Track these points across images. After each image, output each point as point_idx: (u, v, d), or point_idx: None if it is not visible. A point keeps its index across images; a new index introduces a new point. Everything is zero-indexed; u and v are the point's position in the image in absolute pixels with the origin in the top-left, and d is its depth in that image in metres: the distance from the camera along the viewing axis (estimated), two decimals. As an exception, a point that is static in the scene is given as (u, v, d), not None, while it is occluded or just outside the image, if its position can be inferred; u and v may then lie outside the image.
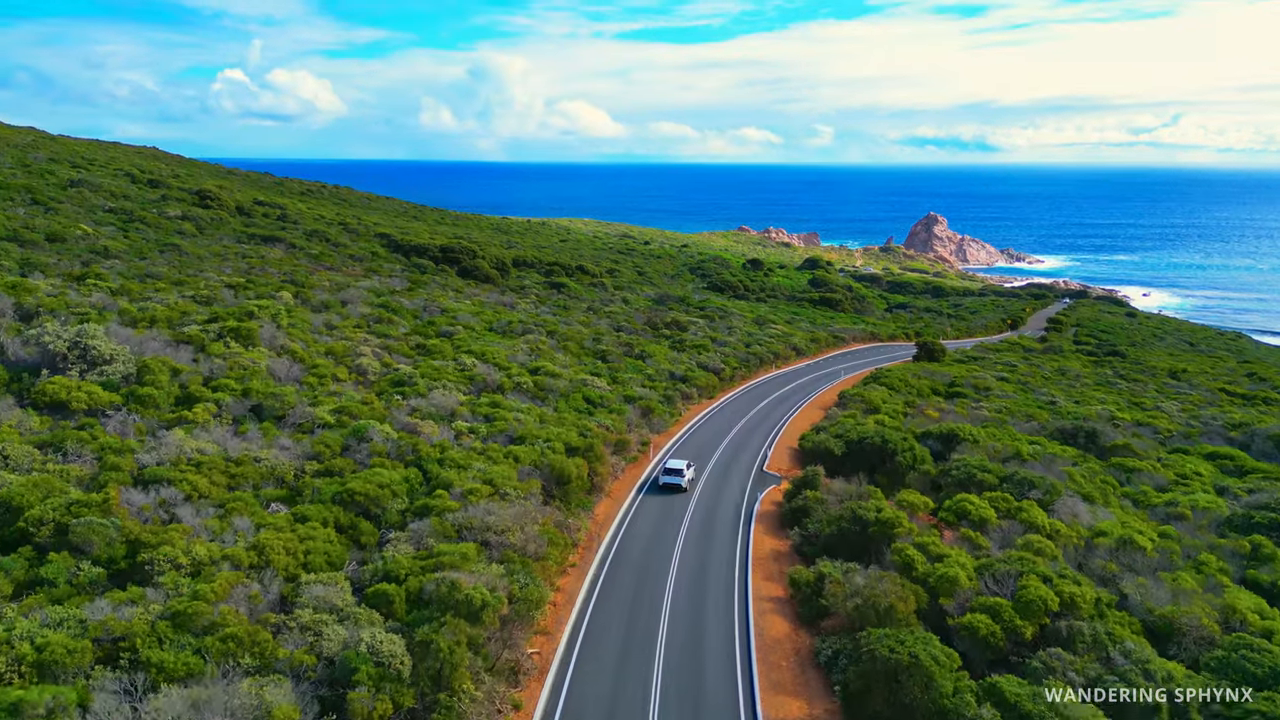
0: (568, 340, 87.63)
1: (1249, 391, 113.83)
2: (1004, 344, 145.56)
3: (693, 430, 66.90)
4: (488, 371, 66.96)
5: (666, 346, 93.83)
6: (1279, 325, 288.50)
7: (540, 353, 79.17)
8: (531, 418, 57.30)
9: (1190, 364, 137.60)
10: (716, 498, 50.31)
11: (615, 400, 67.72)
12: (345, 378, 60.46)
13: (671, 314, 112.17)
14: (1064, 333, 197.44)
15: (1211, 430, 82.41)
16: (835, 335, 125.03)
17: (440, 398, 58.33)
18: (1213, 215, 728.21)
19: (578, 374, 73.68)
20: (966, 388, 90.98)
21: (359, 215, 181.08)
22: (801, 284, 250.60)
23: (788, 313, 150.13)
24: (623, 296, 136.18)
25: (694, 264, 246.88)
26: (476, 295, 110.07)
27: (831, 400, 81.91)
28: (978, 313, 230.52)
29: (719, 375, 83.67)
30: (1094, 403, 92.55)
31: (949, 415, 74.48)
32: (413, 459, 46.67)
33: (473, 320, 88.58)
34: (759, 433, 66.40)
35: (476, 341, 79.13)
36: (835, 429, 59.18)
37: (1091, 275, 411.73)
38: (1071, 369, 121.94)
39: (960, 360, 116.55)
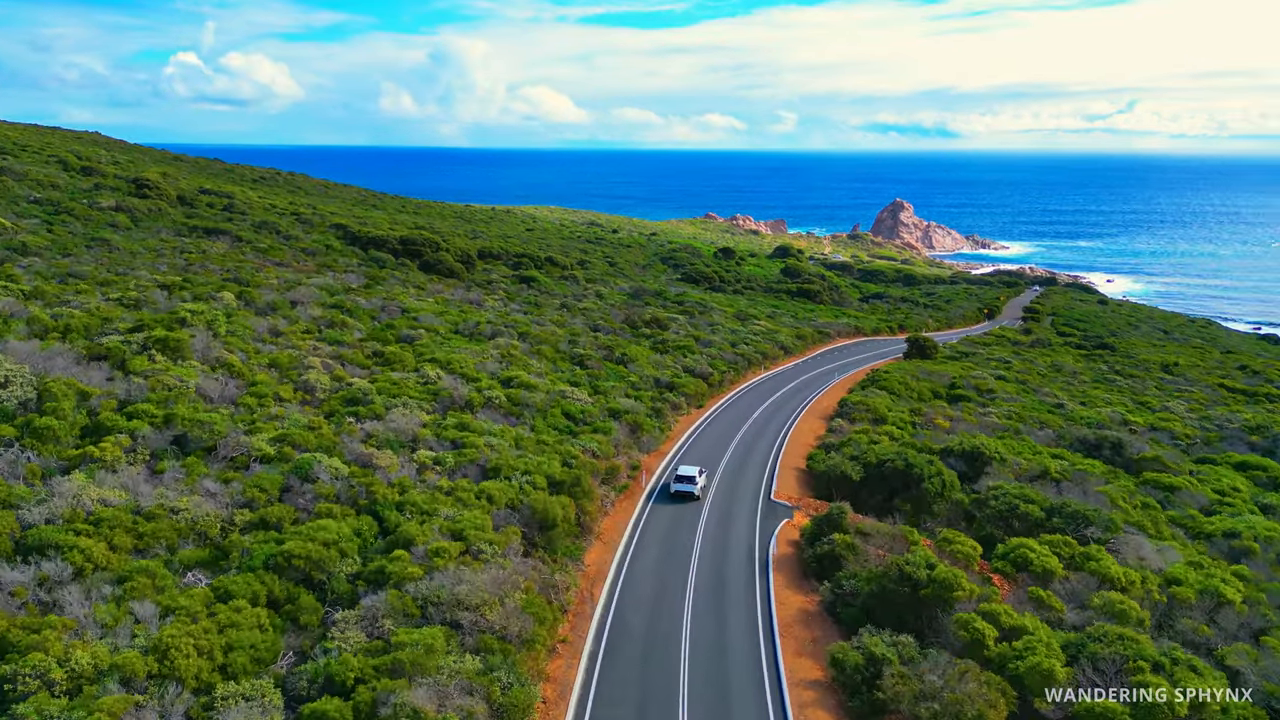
0: (541, 343, 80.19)
1: (1248, 387, 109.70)
2: (990, 337, 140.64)
3: (685, 448, 60.00)
4: (454, 384, 59.41)
5: (648, 348, 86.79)
6: (1245, 312, 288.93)
7: (512, 359, 71.69)
8: (506, 442, 49.98)
9: (1180, 357, 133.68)
10: (724, 537, 43.49)
11: (599, 415, 60.57)
12: (290, 396, 52.59)
13: (650, 310, 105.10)
14: (1042, 322, 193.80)
15: (1228, 433, 77.43)
16: (820, 331, 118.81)
17: (400, 419, 50.78)
18: (1170, 201, 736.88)
19: (555, 384, 66.39)
20: (968, 390, 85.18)
21: (314, 204, 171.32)
22: (774, 273, 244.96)
23: (767, 306, 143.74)
24: (596, 290, 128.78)
25: (665, 253, 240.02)
26: (440, 292, 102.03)
27: (830, 407, 75.52)
28: (952, 301, 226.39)
29: (707, 380, 76.85)
30: (1100, 404, 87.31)
31: (959, 424, 68.45)
32: (366, 503, 39.20)
33: (436, 322, 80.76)
34: (759, 449, 59.70)
35: (441, 347, 71.43)
36: (849, 449, 52.60)
37: (1056, 262, 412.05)
38: (1065, 364, 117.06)
39: (952, 357, 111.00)
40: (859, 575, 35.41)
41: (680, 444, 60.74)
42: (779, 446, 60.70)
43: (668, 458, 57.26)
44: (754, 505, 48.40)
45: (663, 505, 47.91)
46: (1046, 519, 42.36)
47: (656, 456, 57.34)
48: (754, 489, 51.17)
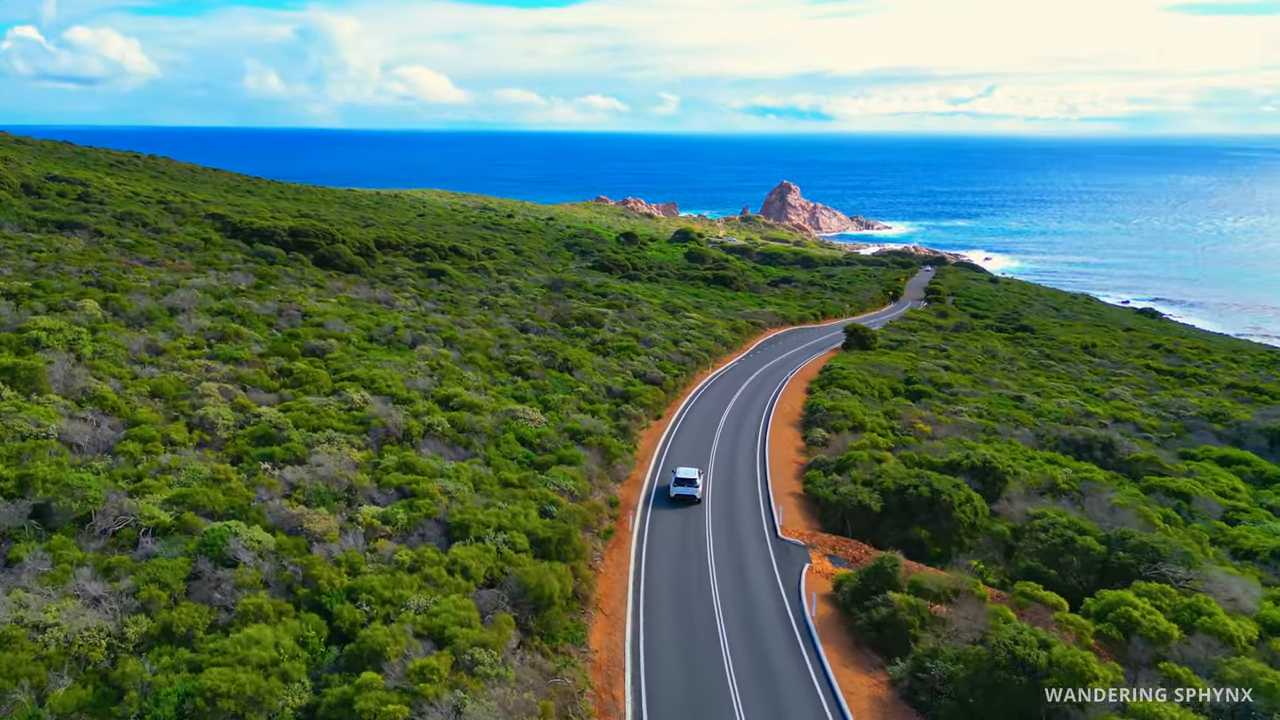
0: (472, 350, 70.88)
1: (1173, 367, 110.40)
2: (914, 321, 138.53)
3: (659, 472, 52.42)
4: (385, 409, 49.87)
5: (585, 349, 78.59)
6: (1112, 286, 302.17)
7: (444, 372, 62.27)
8: (463, 485, 41.16)
9: (1095, 337, 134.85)
10: (745, 593, 36.24)
11: (558, 439, 52.24)
12: (183, 438, 42.09)
13: (579, 305, 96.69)
14: (945, 302, 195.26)
15: (1189, 422, 75.53)
16: (751, 322, 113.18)
17: (328, 461, 41.22)
18: (1035, 181, 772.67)
19: (500, 401, 57.55)
20: (925, 384, 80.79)
21: (183, 191, 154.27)
22: (678, 258, 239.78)
23: (689, 295, 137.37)
24: (510, 283, 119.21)
25: (567, 239, 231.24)
26: (342, 290, 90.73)
27: (796, 411, 69.47)
28: (853, 283, 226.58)
29: (661, 386, 69.41)
30: (1053, 394, 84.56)
31: (940, 428, 63.38)
32: (307, 592, 30.00)
33: (346, 328, 70.26)
34: (741, 470, 52.75)
35: (359, 360, 61.35)
36: (857, 472, 46.17)
37: (937, 241, 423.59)
38: (996, 350, 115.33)
39: (889, 346, 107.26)
40: (943, 654, 28.80)
41: (653, 468, 53.11)
42: (763, 466, 53.90)
43: (644, 487, 49.57)
44: (763, 548, 41.33)
45: (658, 552, 40.28)
46: (1108, 554, 36.98)
47: (631, 487, 49.55)
48: (755, 526, 44.11)
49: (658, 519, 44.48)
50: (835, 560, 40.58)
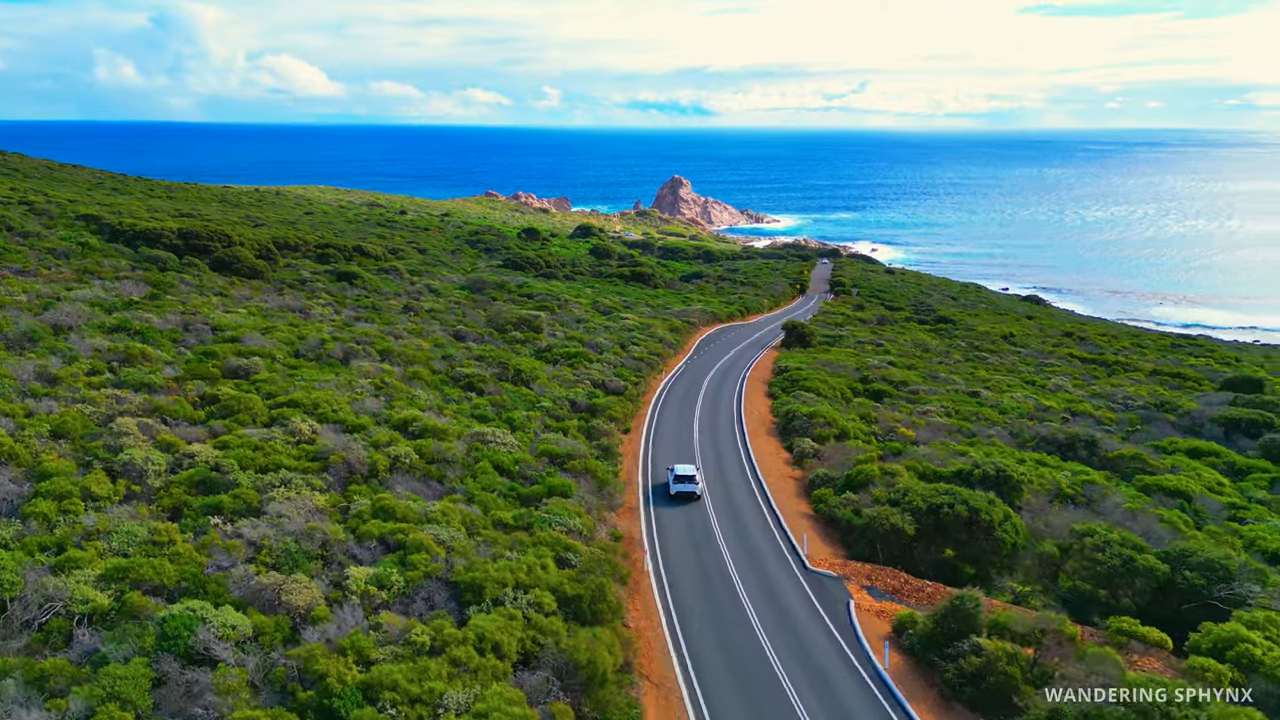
0: (413, 364, 64.17)
1: (1095, 355, 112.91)
2: (839, 316, 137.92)
3: (650, 496, 47.60)
4: (341, 441, 43.23)
5: (530, 357, 72.80)
6: (992, 274, 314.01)
7: (392, 391, 55.57)
8: (455, 529, 35.30)
9: (1013, 327, 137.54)
10: (796, 641, 31.89)
11: (535, 462, 46.76)
12: (106, 490, 34.62)
13: (512, 309, 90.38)
14: (852, 295, 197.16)
15: (1143, 414, 76.00)
16: (686, 320, 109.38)
17: (289, 510, 34.69)
18: (912, 174, 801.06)
19: (460, 422, 51.44)
20: (880, 383, 78.76)
21: (44, 190, 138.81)
22: (583, 254, 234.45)
23: (613, 294, 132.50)
24: (426, 285, 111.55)
25: (467, 236, 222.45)
26: (249, 299, 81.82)
27: (766, 416, 65.98)
28: (758, 276, 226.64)
29: (624, 396, 64.50)
30: (1001, 388, 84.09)
31: (919, 431, 60.95)
32: (312, 695, 23.86)
33: (266, 343, 62.35)
34: (741, 492, 48.48)
35: (292, 381, 53.99)
36: (880, 491, 42.53)
37: (825, 234, 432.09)
38: (925, 342, 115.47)
39: (827, 342, 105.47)
40: (1068, 717, 25.23)
41: (642, 491, 48.23)
42: (759, 485, 49.82)
43: (640, 514, 44.65)
44: (795, 584, 37.19)
45: (684, 596, 35.54)
46: (1172, 574, 34.54)
47: (626, 515, 44.56)
48: (777, 556, 39.94)
49: (668, 552, 39.77)
50: (875, 593, 36.87)
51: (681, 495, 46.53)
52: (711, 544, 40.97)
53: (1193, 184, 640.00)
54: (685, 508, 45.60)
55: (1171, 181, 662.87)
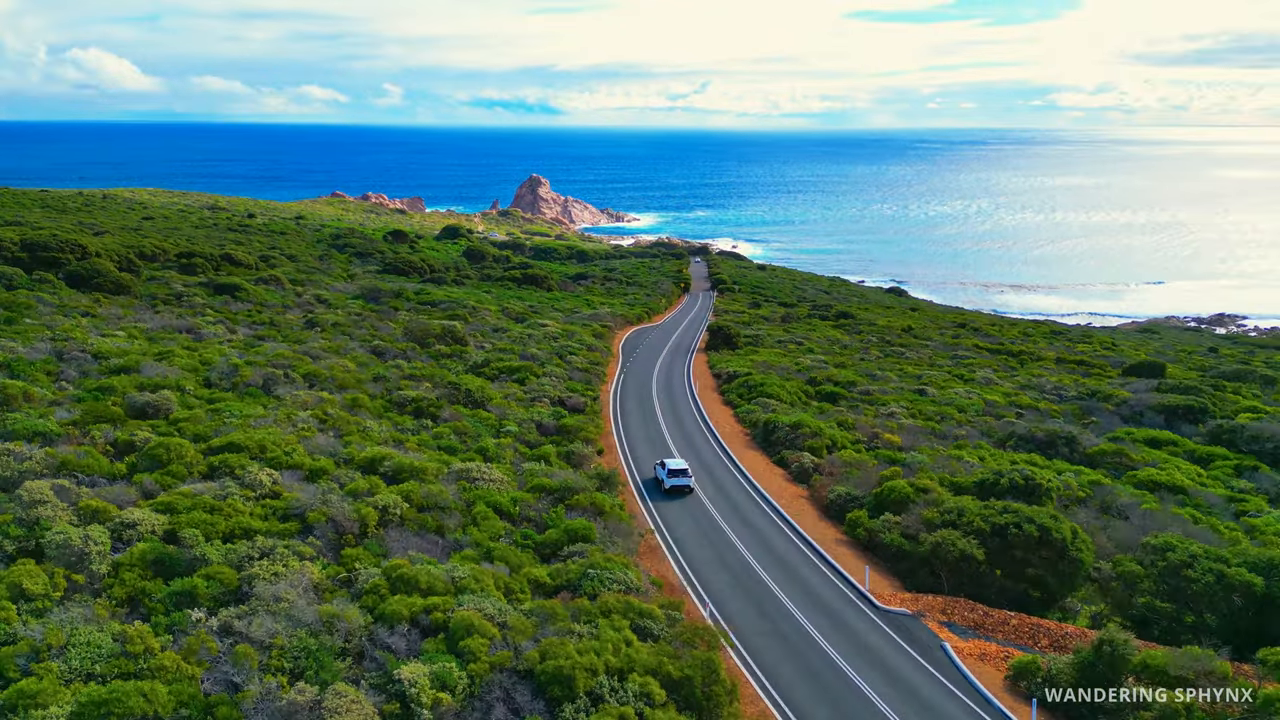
0: (345, 388, 56.16)
1: (998, 346, 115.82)
2: (746, 315, 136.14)
3: (667, 531, 42.50)
4: (309, 492, 35.88)
5: (468, 373, 65.79)
6: (848, 268, 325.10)
7: (338, 423, 47.80)
8: (496, 600, 29.09)
9: (909, 320, 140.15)
10: (918, 705, 27.90)
11: (534, 500, 40.78)
12: (39, 584, 26.34)
13: (428, 320, 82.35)
14: (735, 292, 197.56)
15: (1072, 403, 77.13)
16: (603, 325, 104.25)
17: (284, 593, 27.60)
18: (766, 171, 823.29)
19: (429, 456, 44.55)
20: (828, 384, 76.52)
21: None
22: (456, 256, 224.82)
23: (515, 299, 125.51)
24: (314, 295, 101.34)
25: (330, 240, 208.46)
26: (122, 318, 70.67)
27: (732, 425, 62.09)
28: (637, 275, 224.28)
29: (586, 413, 58.89)
30: (939, 384, 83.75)
31: (910, 436, 58.62)
32: None
33: (165, 371, 52.88)
34: (761, 522, 44.00)
35: (219, 418, 45.44)
36: (930, 513, 38.95)
37: (685, 231, 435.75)
38: (837, 338, 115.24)
39: (749, 343, 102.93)
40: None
41: (654, 521, 43.02)
42: (774, 509, 45.64)
43: (666, 555, 39.45)
44: (872, 625, 33.17)
45: (766, 658, 30.76)
46: (1266, 590, 32.77)
47: (648, 555, 39.27)
48: (838, 595, 35.83)
49: (723, 603, 34.84)
50: (957, 630, 33.43)
51: (677, 489, 46.92)
52: (761, 586, 36.39)
53: (1016, 179, 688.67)
54: (713, 543, 40.80)
55: (999, 177, 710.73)
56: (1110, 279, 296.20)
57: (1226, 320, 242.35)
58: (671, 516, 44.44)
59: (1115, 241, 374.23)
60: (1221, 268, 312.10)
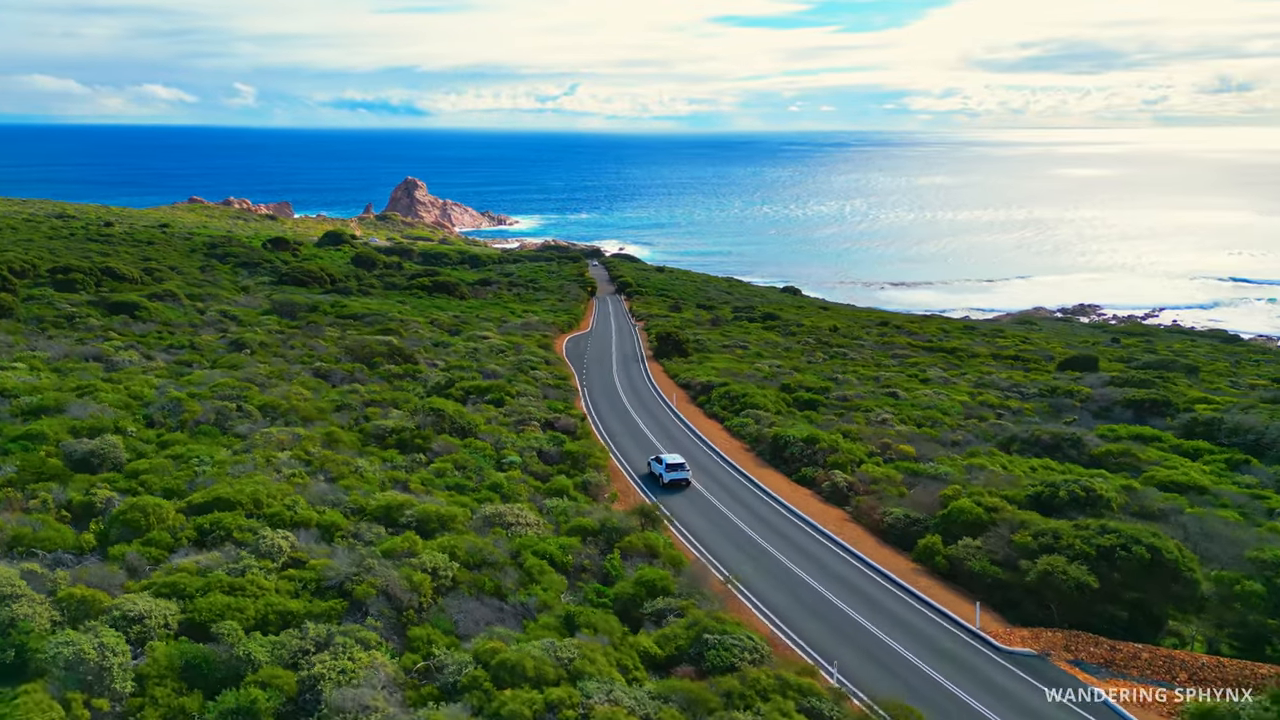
0: (311, 420, 49.07)
1: (929, 344, 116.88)
2: (676, 319, 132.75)
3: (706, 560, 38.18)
4: (343, 558, 29.73)
5: (423, 393, 59.35)
6: (738, 269, 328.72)
7: (325, 464, 41.07)
8: (618, 685, 24.15)
9: (834, 320, 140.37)
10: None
11: (581, 547, 35.70)
12: (57, 716, 19.62)
13: (367, 337, 74.70)
14: (644, 295, 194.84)
15: (1034, 401, 77.43)
16: (543, 334, 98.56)
17: (374, 702, 22.06)
18: (644, 173, 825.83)
19: (447, 500, 38.67)
20: (802, 391, 73.90)
21: None
22: (344, 263, 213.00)
23: (434, 309, 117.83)
24: (220, 311, 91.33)
25: (206, 249, 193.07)
26: (14, 346, 60.49)
27: (729, 440, 58.32)
28: (539, 279, 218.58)
29: (574, 433, 53.74)
30: (902, 385, 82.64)
31: (919, 445, 56.32)
32: None
33: (96, 409, 44.60)
34: (824, 554, 40.16)
35: (188, 467, 38.09)
36: (1027, 537, 35.93)
37: (569, 234, 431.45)
38: (775, 341, 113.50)
39: (697, 349, 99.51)
40: None
41: (712, 561, 38.62)
42: (821, 533, 42.01)
43: (746, 602, 35.14)
44: (1003, 669, 29.96)
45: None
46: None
47: (738, 608, 34.85)
48: (952, 638, 32.44)
49: (826, 653, 30.97)
50: (1087, 669, 30.70)
51: (675, 483, 48.58)
52: (863, 633, 32.62)
53: (884, 179, 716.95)
54: (785, 583, 36.71)
55: (869, 178, 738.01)
56: (981, 274, 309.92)
57: (1087, 310, 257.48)
58: (721, 548, 40.12)
59: (982, 239, 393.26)
60: (1080, 261, 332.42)
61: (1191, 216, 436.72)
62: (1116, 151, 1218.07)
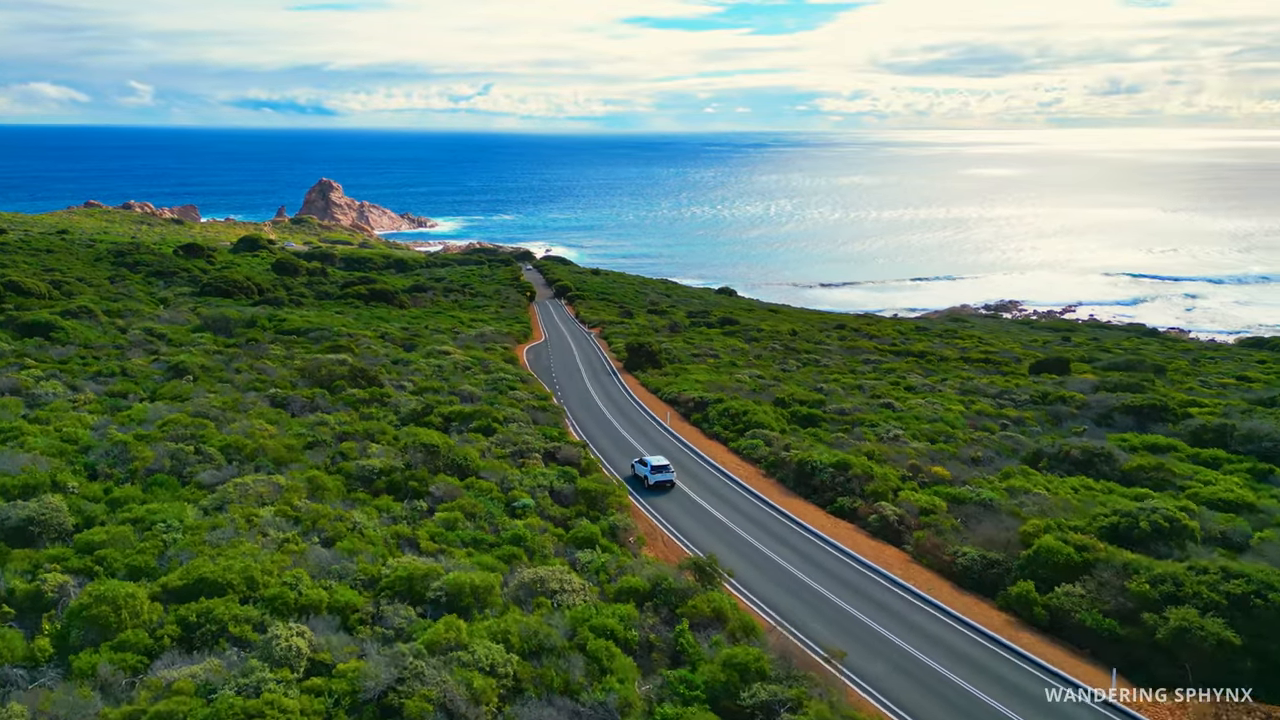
0: (288, 464, 42.19)
1: (894, 347, 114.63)
2: (634, 326, 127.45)
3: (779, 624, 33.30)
4: (377, 661, 23.68)
5: (397, 420, 52.82)
6: (668, 270, 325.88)
7: (317, 520, 34.54)
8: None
9: (792, 324, 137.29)
10: None
11: (639, 617, 30.36)
12: None
13: (323, 356, 67.17)
14: (586, 299, 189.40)
15: (1039, 407, 75.11)
16: (504, 346, 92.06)
17: None
18: (565, 173, 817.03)
19: (470, 561, 32.71)
20: (797, 405, 69.70)
21: None
22: (264, 270, 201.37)
23: (377, 320, 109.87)
24: (145, 329, 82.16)
25: (113, 258, 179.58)
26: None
27: (737, 464, 53.50)
28: (472, 283, 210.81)
29: (578, 465, 48.10)
30: (897, 396, 79.34)
31: (948, 465, 52.48)
32: None
33: (23, 458, 36.95)
34: (885, 597, 35.68)
35: (152, 535, 31.20)
36: (1145, 586, 31.88)
37: (492, 235, 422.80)
38: (740, 347, 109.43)
39: (670, 359, 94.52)
40: None
41: (789, 624, 33.61)
42: (888, 578, 37.43)
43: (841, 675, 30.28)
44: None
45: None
46: None
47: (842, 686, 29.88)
48: (1093, 714, 28.25)
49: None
50: (1244, 736, 26.83)
51: (660, 485, 48.54)
52: (995, 716, 28.10)
53: (806, 180, 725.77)
54: (880, 652, 31.90)
55: (791, 178, 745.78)
56: (908, 274, 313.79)
57: (1010, 306, 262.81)
58: (783, 602, 35.15)
59: (907, 239, 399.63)
60: (1001, 259, 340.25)
61: (1100, 214, 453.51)
62: (1020, 152, 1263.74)
